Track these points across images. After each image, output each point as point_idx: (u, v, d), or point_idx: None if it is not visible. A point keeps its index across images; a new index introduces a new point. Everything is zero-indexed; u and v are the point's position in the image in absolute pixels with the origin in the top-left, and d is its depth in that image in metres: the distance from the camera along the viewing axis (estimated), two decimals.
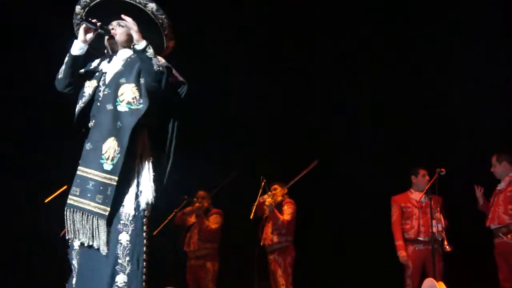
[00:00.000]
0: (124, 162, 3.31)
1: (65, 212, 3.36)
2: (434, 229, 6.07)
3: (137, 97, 3.39)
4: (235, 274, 7.10)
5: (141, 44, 3.39)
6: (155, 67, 3.37)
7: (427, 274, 6.19)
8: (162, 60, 3.51)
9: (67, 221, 3.35)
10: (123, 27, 3.55)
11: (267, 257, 6.72)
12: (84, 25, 3.45)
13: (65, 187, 5.92)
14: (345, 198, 7.51)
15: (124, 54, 3.60)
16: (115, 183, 3.30)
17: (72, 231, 3.34)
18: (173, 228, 6.93)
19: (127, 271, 3.26)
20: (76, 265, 3.41)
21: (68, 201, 3.37)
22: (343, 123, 7.87)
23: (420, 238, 6.33)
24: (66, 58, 3.50)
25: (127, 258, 3.27)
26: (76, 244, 3.39)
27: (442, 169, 6.02)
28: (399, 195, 6.57)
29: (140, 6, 3.48)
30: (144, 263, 3.31)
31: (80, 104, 3.53)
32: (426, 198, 6.28)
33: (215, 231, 6.88)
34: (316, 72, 7.91)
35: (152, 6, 3.50)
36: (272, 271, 6.64)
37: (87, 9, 3.56)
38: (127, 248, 3.28)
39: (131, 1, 3.46)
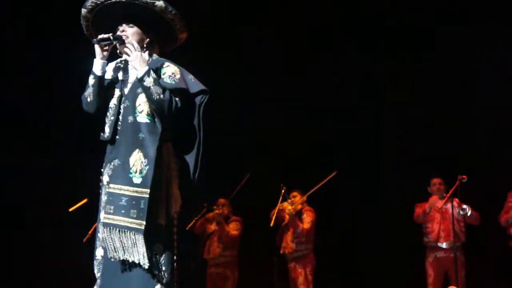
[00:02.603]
0: (154, 173, 3.22)
1: (102, 231, 3.27)
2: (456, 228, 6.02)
3: None
4: (254, 282, 7.06)
5: (139, 72, 3.28)
6: (154, 97, 3.25)
7: (450, 282, 6.15)
8: (177, 75, 3.37)
9: (105, 240, 3.24)
10: (132, 27, 3.43)
11: (286, 265, 6.69)
12: (98, 45, 3.35)
13: (85, 200, 5.98)
14: (364, 206, 7.47)
15: None
16: (147, 196, 3.20)
17: (112, 250, 3.23)
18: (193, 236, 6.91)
19: (165, 281, 3.23)
20: (100, 276, 3.35)
21: (103, 220, 3.27)
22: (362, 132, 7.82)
23: (441, 245, 6.28)
24: (92, 80, 3.38)
25: (163, 268, 3.24)
26: (99, 254, 3.33)
27: (464, 176, 5.98)
28: (423, 203, 6.56)
29: (148, 6, 3.35)
30: (175, 271, 3.28)
31: (110, 118, 3.41)
32: (448, 205, 6.24)
33: (235, 238, 6.86)
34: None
35: (160, 4, 3.36)
36: (292, 279, 6.60)
37: (94, 12, 3.43)
38: (162, 258, 3.25)
39: (138, 2, 3.33)
